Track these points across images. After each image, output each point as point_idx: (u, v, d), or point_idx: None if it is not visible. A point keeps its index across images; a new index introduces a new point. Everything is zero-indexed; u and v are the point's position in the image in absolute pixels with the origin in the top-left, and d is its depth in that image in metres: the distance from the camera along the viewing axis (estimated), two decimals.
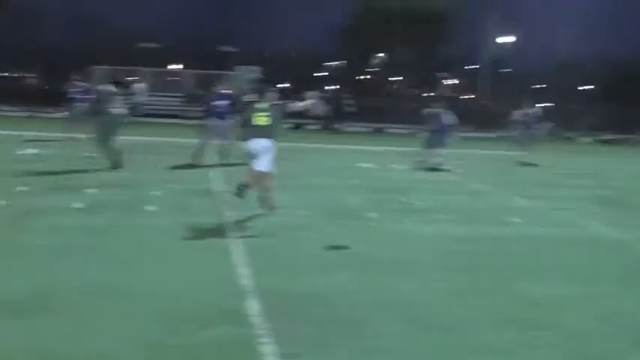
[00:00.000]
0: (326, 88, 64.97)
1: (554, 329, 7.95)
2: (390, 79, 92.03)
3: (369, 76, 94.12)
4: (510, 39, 67.84)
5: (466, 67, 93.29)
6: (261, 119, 14.20)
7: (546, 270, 10.79)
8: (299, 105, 15.29)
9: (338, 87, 75.67)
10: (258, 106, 14.42)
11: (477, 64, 75.10)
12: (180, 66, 74.23)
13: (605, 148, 45.62)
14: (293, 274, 9.75)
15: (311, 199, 16.56)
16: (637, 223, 15.35)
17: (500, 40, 67.46)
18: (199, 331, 7.38)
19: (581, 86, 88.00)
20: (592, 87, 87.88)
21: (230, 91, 24.11)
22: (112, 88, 20.68)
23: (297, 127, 44.83)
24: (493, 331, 7.79)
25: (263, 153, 14.13)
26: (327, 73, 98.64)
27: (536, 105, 31.75)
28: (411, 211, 15.57)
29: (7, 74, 75.28)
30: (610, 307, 8.94)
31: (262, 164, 14.12)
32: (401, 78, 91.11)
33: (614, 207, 17.71)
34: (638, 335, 7.84)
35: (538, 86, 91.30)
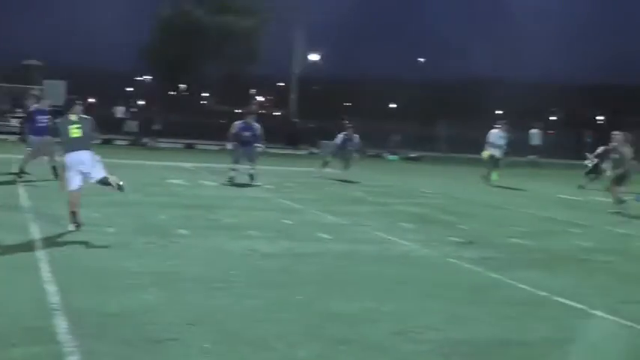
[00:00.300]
0: (139, 103, 64.24)
1: (359, 344, 8.07)
2: (201, 94, 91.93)
3: (176, 92, 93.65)
4: (316, 56, 68.66)
5: (278, 84, 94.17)
6: (74, 132, 14.29)
7: (354, 285, 10.95)
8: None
9: (146, 103, 75.02)
10: (69, 119, 14.48)
11: (286, 82, 75.80)
12: None
13: (411, 165, 46.70)
14: (101, 292, 9.58)
15: (119, 215, 16.34)
16: (444, 239, 15.75)
17: (309, 57, 68.22)
18: (6, 350, 7.17)
19: (390, 104, 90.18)
20: (395, 105, 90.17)
21: (48, 106, 23.66)
22: None
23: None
24: (302, 346, 7.86)
25: (89, 164, 14.35)
26: (132, 89, 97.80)
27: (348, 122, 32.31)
28: (221, 228, 15.57)
29: None
30: (414, 322, 9.14)
31: (95, 174, 14.50)
32: (208, 95, 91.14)
33: (421, 223, 18.13)
34: (443, 350, 8.04)
35: (348, 104, 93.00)
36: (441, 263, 13.22)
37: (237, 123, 26.73)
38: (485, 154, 31.34)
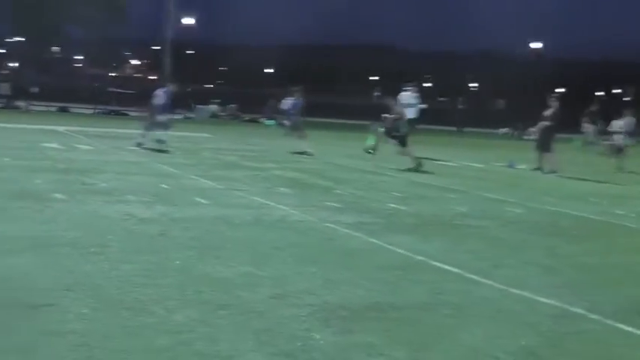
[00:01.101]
0: (10, 65, 62.73)
1: (238, 308, 8.09)
2: (75, 57, 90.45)
3: (49, 56, 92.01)
4: (191, 20, 68.11)
5: (153, 48, 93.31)
6: None
7: (231, 250, 10.94)
8: None
9: (19, 65, 73.36)
10: None
11: (161, 45, 74.98)
12: None
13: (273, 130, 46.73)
14: None
15: None
16: (321, 204, 15.86)
17: (182, 20, 67.61)
18: None
19: (265, 70, 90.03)
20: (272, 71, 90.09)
21: None
22: None
23: None
24: (180, 311, 7.83)
25: None
26: (4, 51, 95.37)
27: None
28: (97, 192, 15.37)
29: None
30: (292, 287, 9.19)
31: None
32: (82, 57, 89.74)
33: (298, 188, 18.23)
34: (321, 314, 8.11)
35: (223, 69, 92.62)
36: (318, 228, 13.30)
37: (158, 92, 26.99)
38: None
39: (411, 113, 31.09)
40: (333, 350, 7.04)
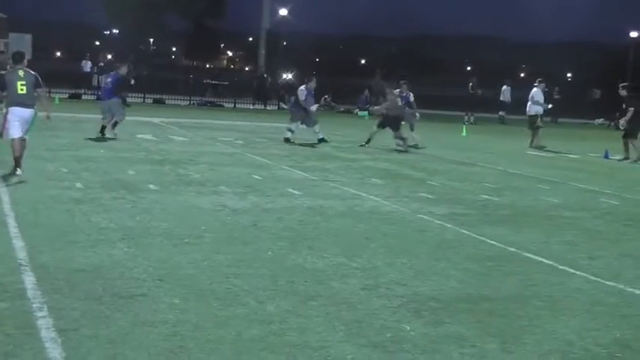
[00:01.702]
0: (109, 57, 63.73)
1: (329, 299, 8.10)
2: (171, 49, 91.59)
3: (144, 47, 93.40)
4: (285, 11, 68.31)
5: (250, 40, 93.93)
6: (21, 88, 15.13)
7: (323, 241, 10.96)
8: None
9: (114, 57, 74.45)
10: (18, 74, 15.34)
11: (256, 37, 75.32)
12: None
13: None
14: (69, 248, 9.55)
15: (88, 170, 16.28)
16: (414, 195, 15.79)
17: (279, 11, 67.88)
18: None
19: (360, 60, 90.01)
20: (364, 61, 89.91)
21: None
22: None
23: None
24: (271, 302, 7.87)
25: (26, 121, 15.33)
26: (99, 43, 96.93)
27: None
28: (191, 183, 15.52)
29: None
30: (383, 278, 9.17)
31: (23, 130, 15.22)
32: (175, 49, 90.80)
33: (390, 179, 18.17)
34: (412, 305, 8.07)
35: (317, 59, 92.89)
36: (410, 219, 13.24)
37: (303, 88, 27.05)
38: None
39: (537, 109, 30.82)
40: (423, 341, 7.01)
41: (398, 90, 27.63)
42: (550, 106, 31.32)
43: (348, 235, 11.49)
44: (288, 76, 28.45)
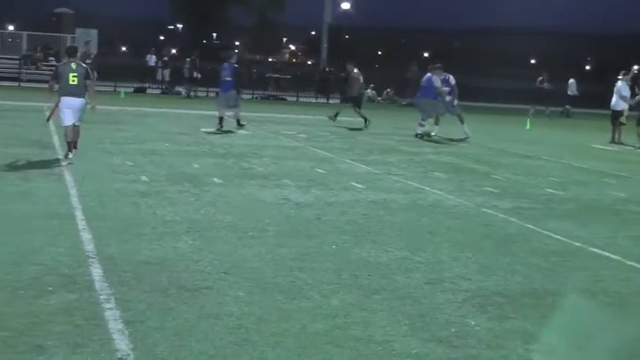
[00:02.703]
0: (173, 52, 64.12)
1: (393, 293, 8.09)
2: (234, 43, 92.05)
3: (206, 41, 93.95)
4: (348, 5, 68.13)
5: (312, 33, 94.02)
6: (72, 79, 16.31)
7: (387, 235, 10.96)
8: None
9: (178, 51, 74.88)
10: (70, 66, 16.51)
11: (318, 30, 75.35)
12: (11, 27, 71.89)
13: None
14: (135, 240, 9.65)
15: (153, 164, 16.42)
16: (477, 189, 15.70)
17: (341, 5, 67.76)
18: (43, 297, 7.24)
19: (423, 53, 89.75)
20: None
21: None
22: None
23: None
24: (335, 295, 7.88)
25: (76, 110, 16.44)
26: (162, 37, 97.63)
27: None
28: (254, 177, 15.59)
29: None
30: (447, 272, 9.14)
31: (75, 118, 16.43)
32: (238, 44, 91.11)
33: (454, 173, 18.09)
34: (477, 300, 8.04)
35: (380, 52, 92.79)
36: (474, 213, 13.18)
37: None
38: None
39: (624, 105, 29.69)
40: (488, 336, 6.98)
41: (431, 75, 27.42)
42: (638, 98, 29.91)
43: (412, 229, 11.47)
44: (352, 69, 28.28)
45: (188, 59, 46.37)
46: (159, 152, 18.36)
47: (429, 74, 27.29)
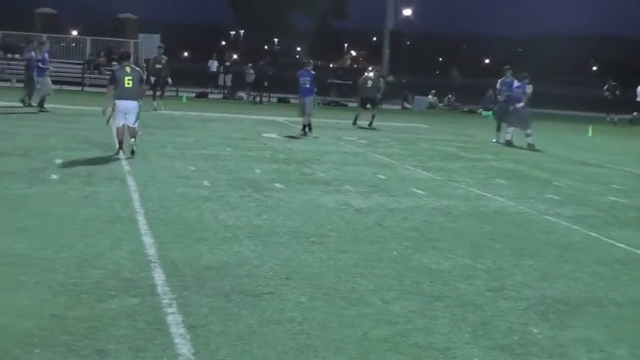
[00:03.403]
0: (235, 57, 64.51)
1: (455, 300, 8.07)
2: (296, 49, 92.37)
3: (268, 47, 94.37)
4: (409, 11, 67.98)
5: (374, 39, 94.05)
6: (127, 82, 17.23)
7: (448, 241, 10.93)
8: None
9: (239, 57, 75.37)
10: (125, 69, 17.40)
11: (379, 36, 75.25)
12: (74, 32, 72.71)
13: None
14: (197, 245, 9.72)
15: (215, 169, 16.51)
16: (540, 196, 15.59)
17: (403, 11, 67.65)
18: (105, 301, 7.32)
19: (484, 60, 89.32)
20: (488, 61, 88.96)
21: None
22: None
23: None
24: (397, 302, 7.89)
25: (131, 113, 17.31)
26: (223, 43, 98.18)
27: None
28: (316, 182, 15.62)
29: None
30: (509, 279, 9.10)
31: (130, 120, 17.29)
32: (299, 49, 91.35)
33: (516, 180, 17.98)
34: (539, 308, 7.99)
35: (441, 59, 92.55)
36: (536, 220, 13.09)
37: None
38: None
39: None
40: (550, 345, 6.94)
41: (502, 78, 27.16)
42: None
43: (473, 236, 11.43)
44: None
45: (250, 64, 46.54)
46: (221, 157, 18.47)
47: (517, 82, 27.11)
